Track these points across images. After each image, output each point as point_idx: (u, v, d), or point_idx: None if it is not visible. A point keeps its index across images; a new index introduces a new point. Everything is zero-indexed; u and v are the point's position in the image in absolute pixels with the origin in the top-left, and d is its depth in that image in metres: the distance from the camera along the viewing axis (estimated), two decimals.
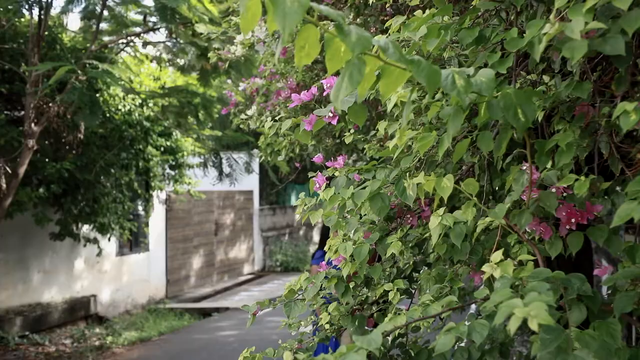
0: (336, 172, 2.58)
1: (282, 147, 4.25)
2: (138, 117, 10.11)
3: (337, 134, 4.21)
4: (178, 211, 14.50)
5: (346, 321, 2.44)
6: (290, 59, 4.29)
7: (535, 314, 1.12)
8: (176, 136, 11.40)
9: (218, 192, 15.86)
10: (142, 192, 11.10)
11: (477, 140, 1.53)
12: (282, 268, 18.72)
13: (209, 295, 14.50)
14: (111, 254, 11.95)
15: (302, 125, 2.18)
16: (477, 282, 2.46)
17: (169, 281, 14.14)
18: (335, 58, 1.20)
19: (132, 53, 9.98)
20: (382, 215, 2.15)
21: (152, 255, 13.51)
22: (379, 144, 3.59)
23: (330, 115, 2.16)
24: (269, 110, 4.44)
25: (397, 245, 2.10)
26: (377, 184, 2.15)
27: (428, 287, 2.59)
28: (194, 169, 11.88)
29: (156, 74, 10.46)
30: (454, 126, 1.43)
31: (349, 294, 2.30)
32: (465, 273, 2.61)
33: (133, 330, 10.55)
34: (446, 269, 2.63)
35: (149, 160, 10.78)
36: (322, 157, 2.69)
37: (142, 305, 12.90)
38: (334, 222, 2.28)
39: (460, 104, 1.45)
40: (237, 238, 17.70)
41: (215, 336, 10.23)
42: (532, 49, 1.48)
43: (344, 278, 2.28)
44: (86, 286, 11.26)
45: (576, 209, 1.71)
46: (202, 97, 9.53)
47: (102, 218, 9.88)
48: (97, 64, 6.84)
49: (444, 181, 1.61)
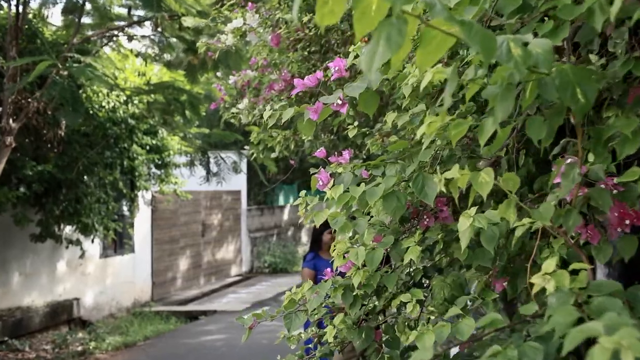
0: (339, 169, 2.32)
1: (276, 142, 3.98)
2: (123, 114, 9.79)
3: (335, 129, 3.95)
4: (164, 211, 14.17)
5: (352, 334, 2.18)
6: (285, 49, 4.03)
7: (628, 344, 0.87)
8: (162, 134, 11.10)
9: (205, 192, 15.54)
10: (127, 192, 10.80)
11: (526, 127, 1.28)
12: (271, 269, 18.43)
13: (196, 297, 14.18)
14: (95, 255, 11.60)
15: (307, 115, 1.91)
16: (498, 289, 2.22)
17: (154, 283, 13.81)
18: (365, 18, 0.94)
19: (116, 48, 9.65)
20: (397, 217, 1.90)
21: (138, 257, 13.18)
22: (381, 139, 3.34)
23: (338, 102, 1.90)
24: (261, 104, 4.17)
25: (415, 250, 1.84)
26: (392, 181, 1.89)
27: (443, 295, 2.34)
28: (181, 168, 11.57)
29: (141, 70, 10.14)
30: (503, 108, 1.18)
31: (357, 304, 2.04)
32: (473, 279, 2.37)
33: (117, 335, 10.21)
34: (461, 275, 2.39)
35: (134, 159, 10.48)
36: (324, 152, 2.43)
37: (127, 308, 12.55)
38: (341, 224, 2.02)
39: (510, 80, 1.19)
40: (224, 239, 17.38)
41: (203, 340, 9.92)
42: (592, 18, 1.23)
43: (353, 287, 2.02)
44: (69, 289, 10.91)
45: (631, 209, 1.47)
46: (189, 94, 9.22)
47: (85, 218, 9.57)
48: (79, 57, 6.52)
49: (482, 176, 1.35)
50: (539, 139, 1.26)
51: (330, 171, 2.31)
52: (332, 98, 1.90)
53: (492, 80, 1.23)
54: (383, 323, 2.36)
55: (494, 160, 2.05)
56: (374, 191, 1.87)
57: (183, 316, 12.06)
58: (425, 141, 1.32)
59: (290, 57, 3.74)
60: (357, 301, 2.04)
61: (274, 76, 4.05)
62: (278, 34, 3.98)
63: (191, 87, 9.52)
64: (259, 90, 4.55)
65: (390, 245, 1.95)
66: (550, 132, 1.29)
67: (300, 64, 3.84)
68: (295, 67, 3.79)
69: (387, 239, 1.93)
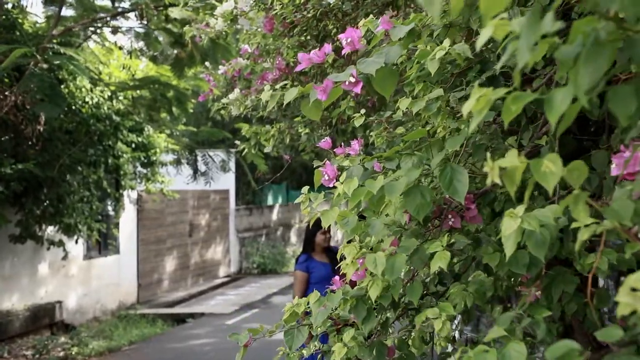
0: (346, 162, 2.03)
1: (270, 136, 3.67)
2: (107, 110, 9.44)
3: (334, 122, 3.65)
4: (150, 211, 13.80)
5: (364, 352, 1.88)
6: (279, 35, 3.72)
7: None
8: (148, 132, 10.76)
9: (192, 191, 15.19)
10: (111, 191, 10.47)
11: (608, 100, 0.98)
12: (259, 270, 18.10)
13: (183, 299, 13.82)
14: (78, 257, 11.22)
15: (313, 95, 1.61)
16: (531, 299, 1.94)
17: (140, 285, 13.44)
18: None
19: (100, 42, 9.29)
20: (421, 216, 1.60)
21: (123, 258, 12.80)
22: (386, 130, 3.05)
23: (351, 80, 1.59)
24: (253, 95, 3.86)
25: (444, 256, 1.54)
26: (415, 174, 1.60)
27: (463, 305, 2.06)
28: (167, 166, 11.23)
29: (126, 64, 9.77)
30: (589, 72, 0.88)
31: (372, 319, 1.74)
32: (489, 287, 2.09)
33: (101, 339, 9.84)
34: (485, 283, 2.11)
35: (119, 157, 10.15)
36: (330, 142, 2.13)
37: (111, 311, 12.18)
38: (353, 224, 1.72)
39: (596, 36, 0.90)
40: (212, 239, 17.04)
41: (190, 345, 9.58)
42: None
43: (367, 299, 1.73)
44: (51, 292, 10.52)
45: None
46: (176, 89, 8.88)
47: (68, 219, 9.23)
48: (60, 49, 6.17)
49: (546, 164, 1.05)
50: (628, 114, 0.97)
51: (338, 163, 2.02)
52: (344, 75, 1.60)
53: (570, 38, 0.93)
54: (397, 338, 2.07)
55: (532, 149, 1.76)
56: (394, 186, 1.57)
57: (170, 319, 11.70)
58: (473, 120, 1.03)
59: (286, 43, 3.43)
60: (371, 315, 1.74)
61: (267, 64, 3.74)
62: (271, 18, 3.67)
63: (178, 82, 9.18)
64: (250, 82, 4.23)
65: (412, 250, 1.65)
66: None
67: (297, 50, 3.54)
68: (291, 53, 3.49)
69: (408, 242, 1.63)
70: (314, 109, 1.70)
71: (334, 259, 5.36)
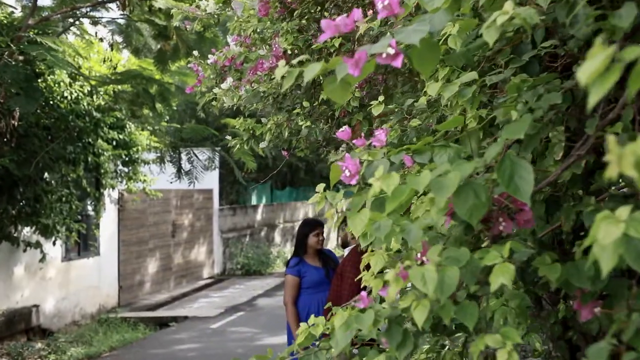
0: (366, 156, 1.72)
1: (267, 130, 3.35)
2: (87, 106, 9.05)
3: (337, 115, 3.34)
4: (132, 211, 13.38)
5: None
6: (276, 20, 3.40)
7: None
8: (130, 129, 10.38)
9: (175, 190, 14.79)
10: (91, 190, 10.09)
11: None
12: (244, 271, 17.75)
13: (166, 302, 13.43)
14: (56, 259, 10.78)
15: (342, 70, 1.29)
16: (585, 317, 1.66)
17: (121, 287, 13.01)
18: None
19: (80, 34, 8.88)
20: (476, 219, 1.30)
21: (103, 260, 12.38)
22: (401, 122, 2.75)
23: (390, 52, 1.28)
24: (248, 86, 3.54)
25: (507, 270, 1.24)
26: (468, 167, 1.30)
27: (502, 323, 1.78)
28: (150, 165, 10.84)
29: (108, 55, 9.36)
30: None
31: (409, 344, 1.43)
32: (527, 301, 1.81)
33: (80, 345, 9.42)
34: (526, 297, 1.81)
35: (99, 155, 9.78)
36: (349, 131, 1.82)
37: (91, 314, 11.75)
38: (387, 230, 1.40)
39: None
40: (195, 240, 16.64)
41: (174, 350, 9.20)
42: None
43: (402, 320, 1.42)
44: (27, 296, 10.07)
45: None
46: (159, 84, 8.51)
47: (46, 219, 8.85)
48: (36, 38, 5.78)
49: None
50: None
51: (359, 156, 1.71)
52: (380, 46, 1.29)
53: None
54: None
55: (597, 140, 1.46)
56: (444, 183, 1.26)
57: (152, 323, 11.30)
58: (594, 91, 0.73)
59: (285, 27, 3.12)
60: (407, 340, 1.43)
61: (262, 52, 3.41)
62: (267, 2, 3.36)
63: (162, 77, 8.80)
64: (241, 73, 3.90)
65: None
66: None
67: (296, 37, 3.22)
68: (290, 39, 3.17)
69: (460, 253, 1.32)
70: (341, 90, 1.38)
71: (327, 262, 5.05)
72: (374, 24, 2.57)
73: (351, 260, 4.59)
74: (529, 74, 2.01)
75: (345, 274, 4.51)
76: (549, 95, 1.44)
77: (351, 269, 4.54)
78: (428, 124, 2.58)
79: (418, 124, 2.55)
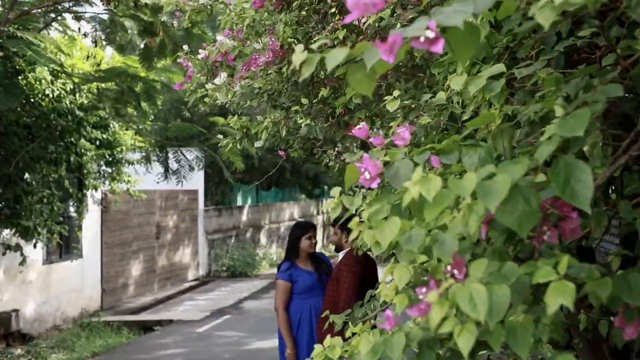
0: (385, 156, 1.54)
1: (263, 128, 3.16)
2: (69, 104, 8.77)
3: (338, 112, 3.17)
4: (115, 213, 13.09)
5: None
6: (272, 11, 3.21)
7: None
8: (114, 128, 10.11)
9: (160, 191, 14.52)
10: (74, 191, 9.79)
11: None
12: (229, 273, 17.52)
13: (150, 305, 13.15)
14: (37, 261, 10.48)
15: (372, 56, 1.11)
16: (629, 335, 1.51)
17: (104, 290, 12.73)
18: None
19: (62, 30, 8.60)
20: (526, 230, 1.12)
21: (86, 262, 12.09)
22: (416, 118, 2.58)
23: (429, 35, 1.10)
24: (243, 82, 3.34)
25: (566, 289, 1.06)
26: (518, 170, 1.12)
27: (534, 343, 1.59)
28: (134, 165, 10.57)
29: (91, 52, 9.09)
30: None
31: None
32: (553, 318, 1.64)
33: (61, 351, 9.14)
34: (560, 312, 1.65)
35: (82, 154, 9.50)
36: (366, 128, 1.63)
37: (73, 318, 11.45)
38: (419, 241, 1.23)
39: None
40: (180, 241, 16.37)
41: (159, 356, 8.96)
42: None
43: (435, 343, 1.24)
44: (6, 300, 9.77)
45: None
46: (145, 81, 8.27)
47: (26, 221, 8.55)
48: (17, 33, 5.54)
49: None
50: None
51: (379, 156, 1.53)
52: (418, 29, 1.11)
53: None
54: None
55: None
56: (492, 188, 1.09)
57: (136, 327, 11.02)
58: None
59: (283, 19, 2.93)
60: None
61: (258, 45, 3.22)
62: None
63: (147, 74, 8.56)
64: (233, 69, 3.70)
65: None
66: None
67: (295, 29, 3.03)
68: (289, 31, 2.98)
69: (506, 268, 1.14)
70: (367, 80, 1.19)
71: (320, 266, 4.87)
72: (384, 13, 2.41)
73: (347, 265, 4.42)
74: (555, 68, 1.86)
75: (342, 279, 4.34)
76: (608, 87, 1.27)
77: (347, 273, 4.37)
78: (438, 122, 2.42)
79: (428, 122, 2.39)
